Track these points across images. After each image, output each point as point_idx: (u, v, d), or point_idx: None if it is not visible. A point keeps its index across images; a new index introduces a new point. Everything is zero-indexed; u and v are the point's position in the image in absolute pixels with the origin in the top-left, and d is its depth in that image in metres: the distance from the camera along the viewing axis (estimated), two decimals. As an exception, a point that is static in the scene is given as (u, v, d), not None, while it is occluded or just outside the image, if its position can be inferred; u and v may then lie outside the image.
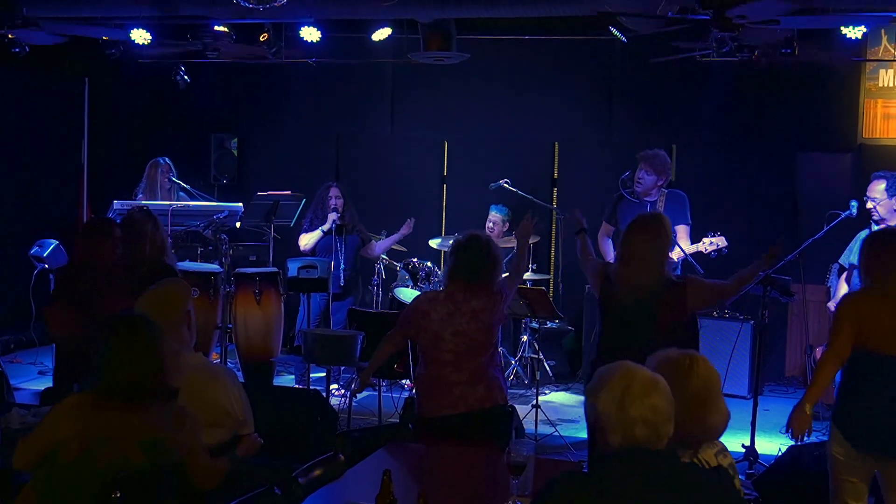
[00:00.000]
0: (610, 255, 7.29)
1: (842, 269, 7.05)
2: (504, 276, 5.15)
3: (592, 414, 2.85)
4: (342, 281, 8.19)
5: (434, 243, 8.81)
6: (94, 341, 3.56)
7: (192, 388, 3.91)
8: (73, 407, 3.50)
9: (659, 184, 7.28)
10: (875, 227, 6.70)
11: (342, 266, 8.19)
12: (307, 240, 8.35)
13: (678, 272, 6.90)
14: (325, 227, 8.24)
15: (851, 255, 6.88)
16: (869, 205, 6.67)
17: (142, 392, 3.48)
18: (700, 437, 3.16)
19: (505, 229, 8.77)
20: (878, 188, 6.61)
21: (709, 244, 7.01)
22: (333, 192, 8.31)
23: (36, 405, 5.37)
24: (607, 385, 2.83)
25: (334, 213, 8.22)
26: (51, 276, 7.86)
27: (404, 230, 8.47)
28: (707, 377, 3.17)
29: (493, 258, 4.98)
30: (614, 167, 8.14)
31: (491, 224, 8.74)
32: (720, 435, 3.24)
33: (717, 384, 3.20)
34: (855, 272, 6.75)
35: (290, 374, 8.65)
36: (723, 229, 8.55)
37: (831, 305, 6.96)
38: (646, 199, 7.27)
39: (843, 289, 6.90)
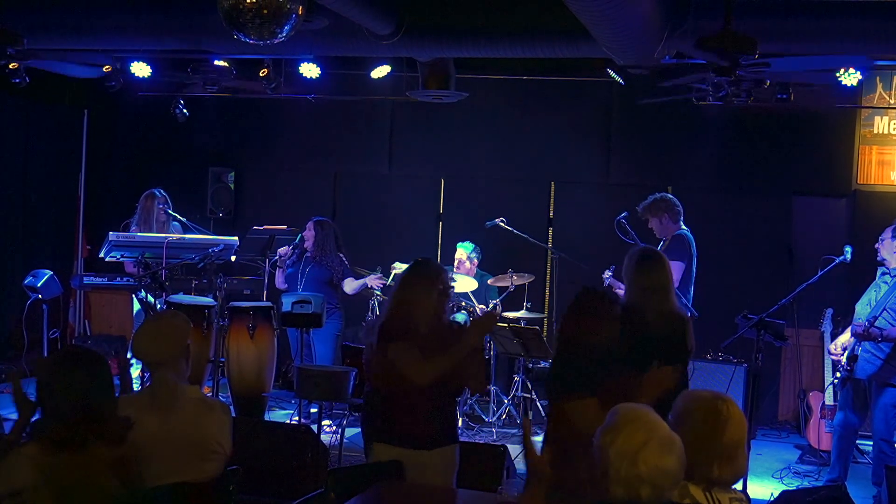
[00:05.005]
0: None
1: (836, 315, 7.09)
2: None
3: (600, 455, 2.79)
4: None
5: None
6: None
7: (188, 423, 3.89)
8: (28, 456, 3.34)
9: (664, 221, 7.39)
10: (880, 270, 6.77)
11: None
12: (276, 280, 8.62)
13: None
14: (277, 261, 8.45)
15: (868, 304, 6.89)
16: (876, 245, 6.80)
17: (82, 436, 3.34)
18: (724, 480, 3.10)
19: (474, 265, 8.82)
20: (887, 231, 6.76)
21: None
22: (308, 225, 8.45)
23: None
24: (625, 432, 2.77)
25: (284, 247, 8.46)
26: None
27: (374, 282, 8.40)
28: (740, 423, 3.12)
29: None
30: (610, 208, 8.18)
31: (456, 262, 8.79)
32: (740, 479, 3.21)
33: (746, 429, 3.16)
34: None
35: (283, 409, 8.63)
36: (718, 272, 8.58)
37: (832, 348, 6.98)
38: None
39: (846, 335, 6.90)
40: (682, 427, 2.96)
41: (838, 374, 6.99)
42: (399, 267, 8.19)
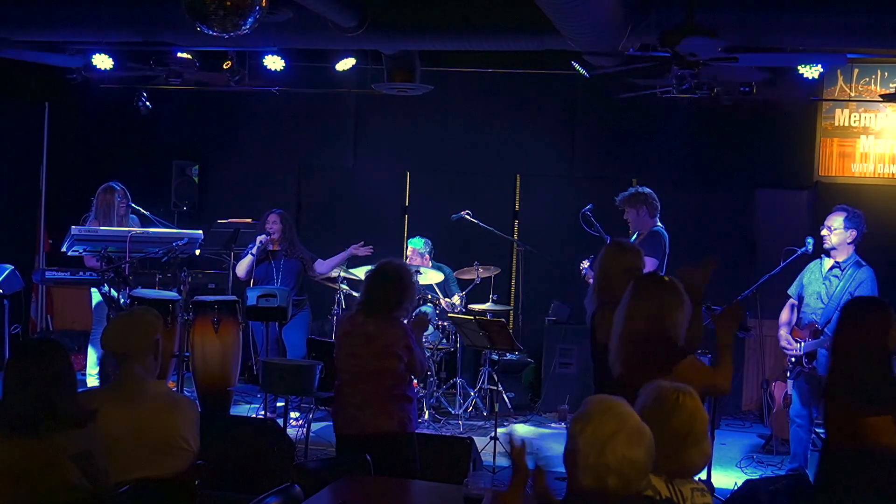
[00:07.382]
0: None
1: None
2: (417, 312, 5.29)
3: (571, 442, 2.82)
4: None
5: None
6: None
7: (154, 417, 3.88)
8: None
9: (641, 214, 7.39)
10: (825, 258, 6.79)
11: None
12: (240, 267, 8.48)
13: None
14: (253, 249, 8.33)
15: (800, 286, 6.95)
16: (823, 232, 6.77)
17: (36, 420, 3.34)
18: (675, 471, 3.14)
19: (426, 260, 8.83)
20: (836, 219, 6.72)
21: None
22: (271, 218, 8.42)
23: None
24: (595, 422, 2.81)
25: (263, 235, 8.32)
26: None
27: (352, 250, 8.38)
28: (692, 415, 3.13)
29: (395, 288, 5.07)
30: (575, 201, 8.21)
31: (408, 259, 8.82)
32: (696, 473, 3.23)
33: (702, 423, 3.15)
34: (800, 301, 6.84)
35: (249, 403, 8.60)
36: (681, 264, 8.63)
37: (784, 343, 6.97)
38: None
39: (785, 316, 6.95)
40: (641, 416, 2.99)
41: (793, 359, 6.98)
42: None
